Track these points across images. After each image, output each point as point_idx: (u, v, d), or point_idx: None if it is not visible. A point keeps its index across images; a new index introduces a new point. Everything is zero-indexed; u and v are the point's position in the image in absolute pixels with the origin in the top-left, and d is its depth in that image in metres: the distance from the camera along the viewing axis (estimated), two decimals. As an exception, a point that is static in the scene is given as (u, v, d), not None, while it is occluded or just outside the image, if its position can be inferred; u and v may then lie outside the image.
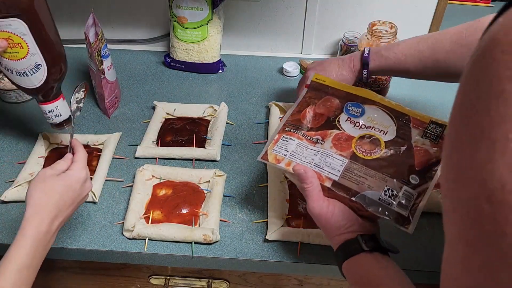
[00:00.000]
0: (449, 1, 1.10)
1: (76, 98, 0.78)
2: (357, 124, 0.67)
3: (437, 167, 0.62)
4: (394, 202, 0.60)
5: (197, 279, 0.84)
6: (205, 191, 0.82)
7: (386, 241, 0.60)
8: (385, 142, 0.65)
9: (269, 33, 1.18)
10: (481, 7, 1.47)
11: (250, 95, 1.07)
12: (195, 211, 0.78)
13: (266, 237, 0.74)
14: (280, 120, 0.73)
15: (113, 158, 0.89)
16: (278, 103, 1.00)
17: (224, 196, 0.81)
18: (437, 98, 1.07)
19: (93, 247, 0.74)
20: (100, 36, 0.91)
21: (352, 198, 0.61)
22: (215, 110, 0.99)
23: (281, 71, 1.15)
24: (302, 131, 0.69)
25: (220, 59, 1.14)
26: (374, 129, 0.66)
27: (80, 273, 0.85)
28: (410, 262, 0.72)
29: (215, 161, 0.89)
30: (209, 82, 1.12)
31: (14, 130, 0.96)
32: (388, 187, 0.61)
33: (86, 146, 0.91)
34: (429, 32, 1.14)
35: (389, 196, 0.61)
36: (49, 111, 0.81)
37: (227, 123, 0.97)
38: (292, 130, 0.69)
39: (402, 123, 0.66)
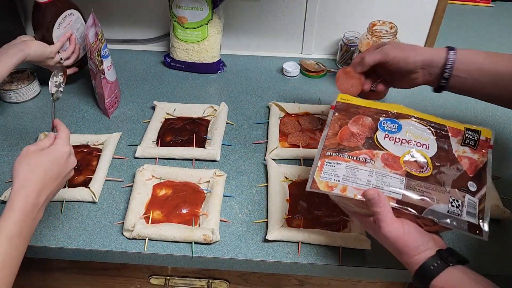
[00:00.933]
0: (449, 1, 1.10)
1: (55, 82, 0.78)
2: (397, 140, 0.66)
3: (485, 171, 0.63)
4: (463, 212, 0.60)
5: (197, 279, 0.84)
6: (205, 191, 0.82)
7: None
8: (430, 158, 0.64)
9: (269, 33, 1.18)
10: (481, 7, 1.47)
11: (250, 95, 1.07)
12: (195, 211, 0.78)
13: (266, 237, 0.74)
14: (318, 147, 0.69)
15: (113, 158, 0.89)
16: (278, 103, 1.01)
17: (224, 196, 0.81)
18: (436, 98, 1.07)
19: (93, 247, 0.74)
20: (100, 36, 0.91)
21: (421, 214, 0.60)
22: (215, 110, 0.99)
23: (281, 71, 1.15)
24: (346, 153, 0.66)
25: (220, 59, 1.14)
26: (416, 144, 0.65)
27: (79, 273, 0.85)
28: (410, 262, 0.72)
29: (215, 161, 0.89)
30: (209, 82, 1.12)
31: (14, 130, 0.96)
32: (453, 198, 0.61)
33: (86, 146, 0.91)
34: (428, 32, 1.14)
35: (456, 207, 0.60)
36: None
37: (227, 123, 0.97)
38: (334, 154, 0.66)
39: (440, 134, 0.66)
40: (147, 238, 0.74)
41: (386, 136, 0.67)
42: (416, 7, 1.11)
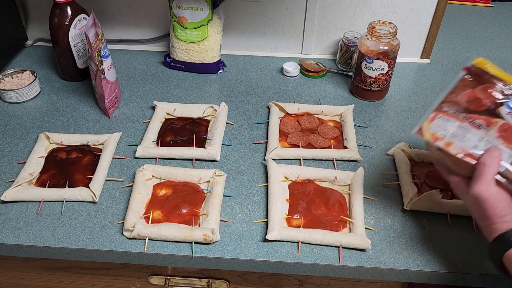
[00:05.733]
0: (449, 1, 1.10)
1: None
2: None
3: None
4: None
5: (197, 279, 0.84)
6: (205, 191, 0.82)
7: None
8: None
9: (269, 33, 1.18)
10: (481, 7, 1.47)
11: (250, 95, 1.07)
12: (195, 211, 0.78)
13: (266, 237, 0.74)
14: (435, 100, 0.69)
15: (113, 158, 0.89)
16: (278, 103, 1.01)
17: (224, 196, 0.81)
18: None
19: (93, 247, 0.74)
20: (100, 36, 0.91)
21: None
22: (215, 110, 0.99)
23: (281, 71, 1.15)
24: (463, 113, 0.65)
25: (220, 59, 1.14)
26: None
27: (80, 273, 0.85)
28: (410, 261, 0.72)
29: (215, 161, 0.89)
30: (209, 82, 1.12)
31: (14, 130, 0.96)
32: None
33: (86, 146, 0.91)
34: (428, 32, 1.14)
35: None
36: None
37: (227, 123, 0.98)
38: (450, 111, 0.65)
39: None
40: (147, 238, 0.74)
41: (510, 113, 0.64)
42: (416, 7, 1.11)
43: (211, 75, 1.14)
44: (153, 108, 1.01)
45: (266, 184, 0.84)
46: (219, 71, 1.14)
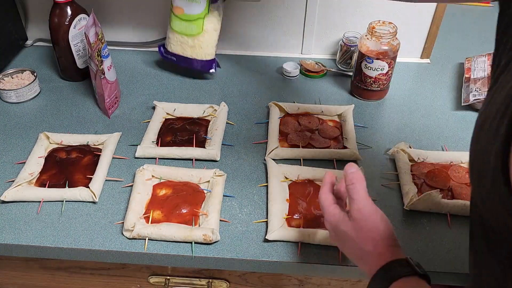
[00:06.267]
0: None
1: None
2: None
3: None
4: None
5: (197, 279, 0.84)
6: (205, 191, 0.82)
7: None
8: None
9: (269, 33, 1.18)
10: (481, 8, 1.47)
11: (250, 95, 1.07)
12: (195, 211, 0.78)
13: (266, 237, 0.74)
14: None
15: (113, 158, 0.89)
16: (278, 103, 1.00)
17: (224, 196, 0.81)
18: (436, 98, 1.07)
19: (93, 247, 0.74)
20: (100, 36, 0.91)
21: None
22: (215, 110, 0.99)
23: (281, 71, 1.15)
24: None
25: (214, 58, 1.10)
26: None
27: (80, 273, 0.85)
28: (410, 262, 0.72)
29: (215, 161, 0.89)
30: (209, 82, 1.12)
31: (14, 130, 0.96)
32: None
33: (86, 146, 0.91)
34: (428, 32, 1.14)
35: None
36: None
37: (227, 123, 0.98)
38: None
39: None
40: (147, 238, 0.74)
41: None
42: (416, 7, 1.11)
43: (211, 75, 1.14)
44: (153, 108, 1.01)
45: (266, 184, 0.84)
46: (211, 70, 1.10)
